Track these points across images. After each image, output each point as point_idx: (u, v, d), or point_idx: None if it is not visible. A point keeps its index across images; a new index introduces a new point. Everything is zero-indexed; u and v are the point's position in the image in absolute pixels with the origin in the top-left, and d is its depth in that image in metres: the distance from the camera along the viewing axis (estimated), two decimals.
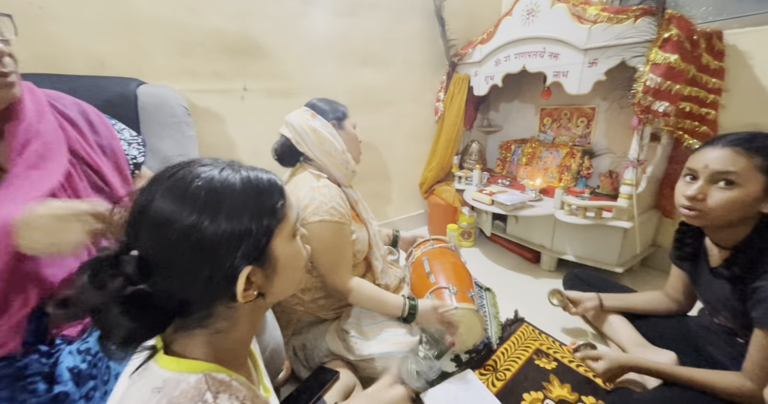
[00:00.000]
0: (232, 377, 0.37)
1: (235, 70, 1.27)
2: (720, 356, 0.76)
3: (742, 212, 0.63)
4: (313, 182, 0.87)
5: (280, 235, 0.39)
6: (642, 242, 1.28)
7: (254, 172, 0.38)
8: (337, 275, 0.87)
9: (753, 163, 0.61)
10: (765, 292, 0.62)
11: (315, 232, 0.82)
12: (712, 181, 0.65)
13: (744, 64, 1.08)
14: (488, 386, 0.90)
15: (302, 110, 0.93)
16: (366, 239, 0.98)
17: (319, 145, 0.89)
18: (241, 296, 0.35)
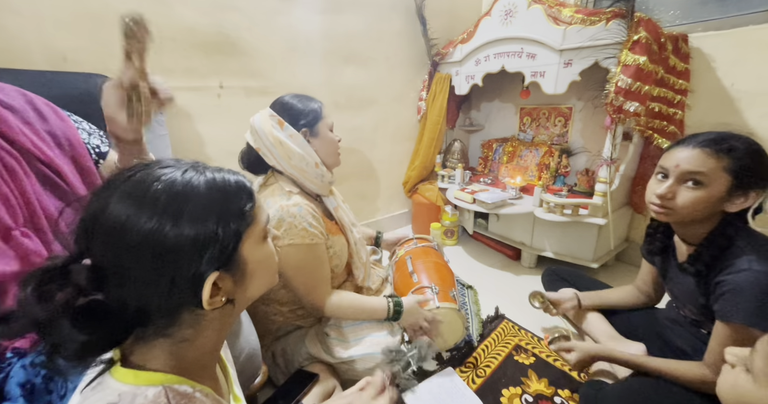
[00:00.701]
0: (196, 388, 0.35)
1: (211, 67, 1.23)
2: (685, 346, 0.80)
3: (707, 211, 0.66)
4: (282, 199, 0.80)
5: (250, 239, 0.38)
6: (616, 237, 1.33)
7: (220, 173, 0.37)
8: (313, 297, 0.84)
9: (720, 164, 0.63)
10: (726, 286, 0.65)
11: (285, 256, 0.78)
12: (681, 180, 0.67)
13: (707, 67, 1.13)
14: (468, 383, 0.91)
15: (267, 114, 0.83)
16: (345, 250, 0.93)
17: (288, 159, 0.81)
18: (208, 304, 0.33)
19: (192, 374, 0.37)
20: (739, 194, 0.63)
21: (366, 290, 1.07)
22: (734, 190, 0.63)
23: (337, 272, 0.93)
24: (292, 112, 0.84)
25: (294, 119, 0.84)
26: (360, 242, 1.00)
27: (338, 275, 0.95)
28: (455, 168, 1.76)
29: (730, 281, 0.64)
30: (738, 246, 0.65)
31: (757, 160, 0.62)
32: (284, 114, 0.84)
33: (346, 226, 0.95)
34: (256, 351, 0.72)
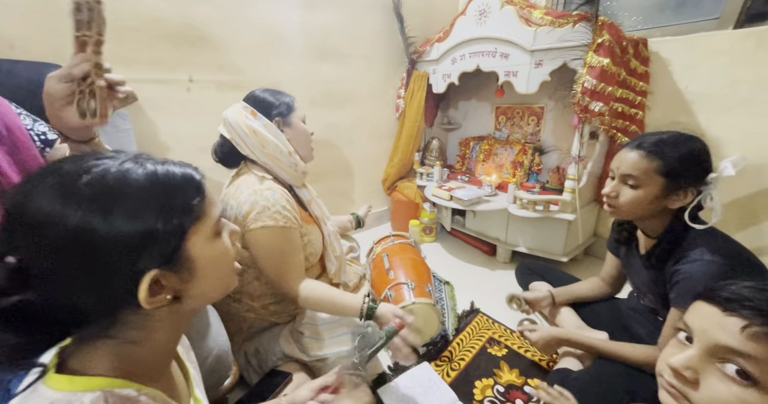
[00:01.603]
0: (142, 391, 0.34)
1: (179, 59, 1.18)
2: (643, 333, 0.84)
3: (648, 209, 0.71)
4: (255, 184, 0.80)
5: (198, 235, 0.36)
6: (584, 232, 1.39)
7: (165, 165, 0.35)
8: (285, 282, 0.82)
9: (652, 166, 0.67)
10: (680, 275, 0.69)
11: (259, 239, 0.78)
12: (622, 181, 0.72)
13: (665, 70, 1.19)
14: (443, 376, 0.92)
15: (240, 106, 0.84)
16: (319, 241, 0.94)
17: (261, 148, 0.82)
18: (146, 303, 0.32)
19: (141, 376, 0.35)
20: (675, 193, 0.68)
21: (343, 287, 1.06)
22: (669, 190, 0.67)
23: (312, 262, 0.93)
24: (264, 103, 0.85)
25: (267, 110, 0.85)
26: (334, 236, 1.01)
27: (313, 265, 0.95)
28: (433, 166, 1.78)
29: (684, 270, 0.68)
30: (691, 239, 0.70)
31: (687, 162, 0.66)
32: (257, 106, 0.85)
33: (320, 218, 0.96)
34: (225, 351, 0.70)
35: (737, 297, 0.37)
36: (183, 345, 0.52)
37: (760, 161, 1.03)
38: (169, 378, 0.42)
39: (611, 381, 0.74)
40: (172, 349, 0.41)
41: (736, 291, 0.38)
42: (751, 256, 0.67)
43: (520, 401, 0.85)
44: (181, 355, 0.49)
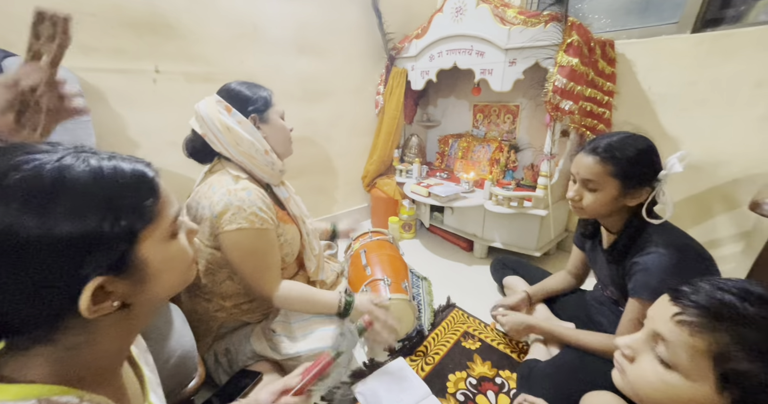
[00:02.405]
0: (84, 398, 0.31)
1: (144, 49, 1.12)
2: (605, 323, 0.88)
3: (609, 208, 0.74)
4: (230, 184, 0.77)
5: (151, 238, 0.33)
6: (556, 228, 1.43)
7: (111, 161, 0.32)
8: (261, 283, 0.81)
9: (606, 170, 0.71)
10: (637, 267, 0.72)
11: (234, 241, 0.75)
12: (583, 185, 0.76)
13: (630, 71, 1.24)
14: (418, 371, 0.93)
15: (214, 100, 0.80)
16: (297, 240, 0.92)
17: (236, 145, 0.78)
18: (88, 312, 0.29)
19: (86, 382, 0.33)
20: (631, 192, 0.71)
21: (320, 284, 1.05)
22: (625, 189, 0.71)
23: (288, 262, 0.91)
24: (239, 98, 0.81)
25: (242, 105, 0.81)
26: (313, 234, 0.99)
27: (289, 265, 0.93)
28: (412, 163, 1.78)
29: (641, 262, 0.72)
30: (648, 233, 0.73)
31: (637, 163, 0.70)
32: (232, 100, 0.81)
33: (298, 217, 0.93)
34: (189, 353, 0.67)
35: (689, 291, 0.39)
36: (139, 346, 0.49)
37: (713, 159, 1.10)
38: (120, 384, 0.40)
39: (573, 370, 0.77)
40: (124, 352, 0.38)
41: (694, 285, 0.39)
42: (700, 248, 0.71)
43: (491, 392, 0.87)
44: (136, 358, 0.46)
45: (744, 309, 0.33)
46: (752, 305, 0.33)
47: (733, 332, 0.32)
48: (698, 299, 0.36)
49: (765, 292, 0.33)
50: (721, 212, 1.13)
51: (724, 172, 1.09)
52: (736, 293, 0.35)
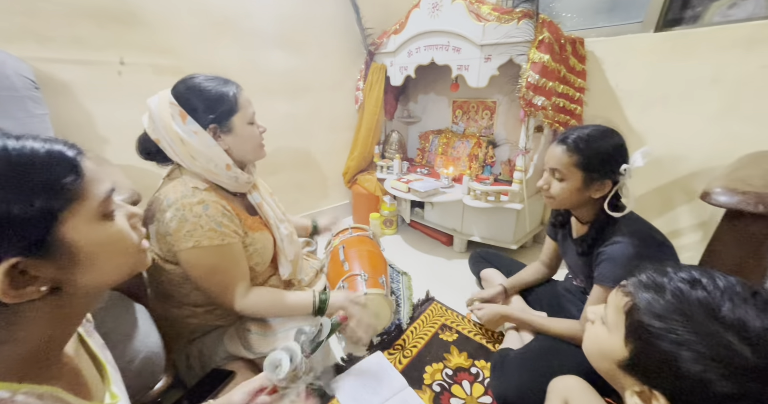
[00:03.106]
0: (20, 390, 0.30)
1: (107, 39, 1.07)
2: (575, 311, 0.92)
3: (575, 199, 0.77)
4: (186, 196, 0.69)
5: (77, 217, 0.32)
6: (531, 221, 1.47)
7: (21, 141, 0.30)
8: (225, 298, 0.76)
9: (572, 161, 0.73)
10: (603, 256, 0.75)
11: (192, 259, 0.70)
12: (552, 174, 0.78)
13: (599, 68, 1.29)
14: (395, 364, 0.94)
15: (167, 100, 0.69)
16: (270, 247, 0.87)
17: (192, 160, 0.70)
18: (6, 296, 0.28)
19: (28, 374, 0.32)
20: (594, 184, 0.74)
21: (298, 283, 1.03)
22: (589, 181, 0.74)
23: (259, 271, 0.86)
24: (198, 101, 0.70)
25: (200, 112, 0.70)
26: (288, 239, 0.92)
27: (261, 272, 0.88)
28: (393, 159, 1.78)
29: (606, 251, 0.75)
30: (614, 225, 0.76)
31: (601, 156, 0.72)
32: (188, 103, 0.70)
33: (272, 222, 0.88)
34: (155, 353, 0.65)
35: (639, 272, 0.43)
36: (96, 342, 0.47)
37: (674, 153, 1.16)
38: (74, 374, 0.39)
39: (543, 356, 0.80)
40: (63, 342, 0.37)
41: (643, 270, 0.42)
42: (662, 238, 0.75)
43: (467, 382, 0.89)
44: (94, 350, 0.45)
45: (667, 283, 0.37)
46: (677, 281, 0.36)
47: (649, 296, 0.37)
48: (641, 276, 0.41)
49: (698, 276, 0.36)
50: (682, 203, 1.20)
51: (684, 165, 1.15)
52: (670, 272, 0.38)
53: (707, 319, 0.32)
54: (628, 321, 0.38)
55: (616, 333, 0.40)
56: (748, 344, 0.29)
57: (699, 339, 0.31)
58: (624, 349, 0.38)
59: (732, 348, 0.30)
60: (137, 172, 1.20)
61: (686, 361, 0.32)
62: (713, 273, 0.36)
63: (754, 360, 0.29)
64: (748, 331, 0.30)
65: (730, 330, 0.30)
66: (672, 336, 0.33)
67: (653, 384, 0.35)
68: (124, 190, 0.69)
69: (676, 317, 0.34)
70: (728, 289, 0.33)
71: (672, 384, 0.33)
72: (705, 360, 0.31)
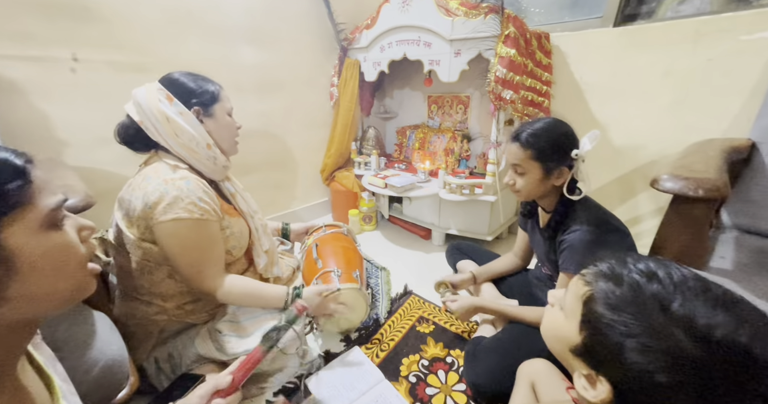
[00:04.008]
0: None
1: (57, 34, 1.01)
2: (544, 298, 0.94)
3: (540, 190, 0.80)
4: (167, 173, 0.73)
5: (18, 224, 0.31)
6: (505, 212, 1.51)
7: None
8: (203, 278, 0.77)
9: (528, 154, 0.76)
10: (565, 244, 0.79)
11: (170, 232, 0.71)
12: (514, 170, 0.81)
13: (564, 62, 1.33)
14: (372, 358, 0.95)
15: (155, 87, 0.76)
16: (245, 234, 0.89)
17: (175, 137, 0.75)
18: None
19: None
20: (554, 173, 0.77)
21: (275, 281, 1.02)
22: (548, 171, 0.77)
23: (236, 256, 0.88)
24: (183, 88, 0.77)
25: (185, 96, 0.77)
26: (263, 229, 0.95)
27: (238, 260, 0.89)
28: (371, 155, 1.78)
29: (567, 239, 0.78)
30: (575, 212, 0.80)
31: (553, 146, 0.75)
32: (174, 89, 0.77)
33: (246, 211, 0.90)
34: (117, 362, 0.63)
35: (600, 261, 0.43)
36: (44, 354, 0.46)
37: (634, 143, 1.21)
38: (16, 391, 0.37)
39: (513, 342, 0.82)
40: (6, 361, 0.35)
41: (604, 259, 0.43)
42: (617, 222, 0.78)
43: (442, 371, 0.91)
44: (43, 366, 0.43)
45: (626, 275, 0.37)
46: (635, 273, 0.37)
47: (606, 286, 0.38)
48: (602, 266, 0.42)
49: (655, 269, 0.36)
50: (642, 190, 1.26)
51: (642, 154, 1.21)
52: (630, 263, 0.39)
53: (657, 313, 0.32)
54: (585, 310, 0.39)
55: (572, 319, 0.41)
56: (693, 338, 0.30)
57: (646, 331, 0.32)
58: (577, 336, 0.39)
59: (676, 341, 0.30)
60: (99, 174, 1.15)
61: (631, 351, 0.32)
62: (671, 267, 0.36)
63: (696, 353, 0.29)
64: (694, 326, 0.30)
65: (677, 325, 0.31)
66: (622, 327, 0.34)
67: (599, 370, 0.37)
68: (77, 193, 0.66)
69: (628, 309, 0.34)
70: (682, 284, 0.33)
71: (617, 371, 0.34)
72: (649, 351, 0.32)
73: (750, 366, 0.29)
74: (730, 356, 0.29)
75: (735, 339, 0.29)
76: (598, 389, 0.36)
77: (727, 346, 0.29)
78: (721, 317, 0.30)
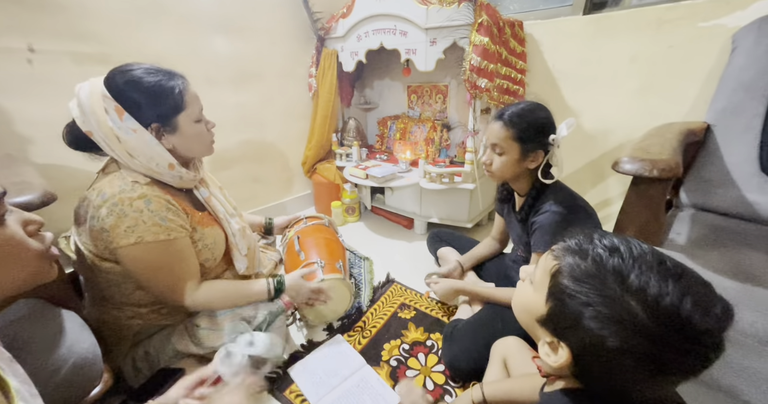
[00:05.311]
0: None
1: (8, 23, 0.95)
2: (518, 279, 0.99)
3: (514, 171, 0.82)
4: (125, 191, 0.65)
5: None
6: (484, 200, 1.54)
7: None
8: (173, 295, 0.74)
9: (509, 134, 0.78)
10: (535, 225, 0.82)
11: (134, 256, 0.67)
12: (492, 150, 0.82)
13: (537, 50, 1.35)
14: (355, 345, 0.97)
15: (99, 92, 0.63)
16: (221, 242, 0.84)
17: (129, 157, 0.66)
18: None
19: None
20: (530, 155, 0.79)
21: (256, 276, 1.02)
22: (525, 152, 0.79)
23: (210, 267, 0.84)
24: (138, 97, 0.65)
25: (139, 110, 0.65)
26: (241, 233, 0.90)
27: (212, 268, 0.85)
28: (352, 146, 1.78)
29: (538, 221, 0.81)
30: (546, 194, 0.83)
31: (533, 128, 0.78)
32: (126, 99, 0.64)
33: (222, 217, 0.86)
34: (87, 359, 0.62)
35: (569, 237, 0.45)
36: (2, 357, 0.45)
37: (604, 128, 1.25)
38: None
39: (489, 322, 0.86)
40: None
41: (573, 235, 0.45)
42: (584, 203, 0.82)
43: (422, 354, 0.94)
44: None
45: (591, 250, 0.39)
46: (599, 248, 0.39)
47: (572, 260, 0.40)
48: (570, 241, 0.44)
49: (618, 244, 0.38)
50: (611, 174, 1.31)
51: (612, 139, 1.25)
52: (595, 239, 0.41)
53: (615, 284, 0.35)
54: (552, 282, 0.41)
55: (540, 291, 0.43)
56: (644, 306, 0.32)
57: (604, 300, 0.35)
58: (544, 307, 0.42)
59: (630, 309, 0.33)
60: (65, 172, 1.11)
61: (588, 319, 0.35)
62: (632, 242, 0.38)
63: (646, 320, 0.32)
64: (646, 296, 0.33)
65: (632, 295, 0.33)
66: (582, 297, 0.36)
67: (561, 337, 0.39)
68: (35, 190, 0.64)
69: (590, 281, 0.36)
70: (640, 257, 0.36)
71: (575, 337, 0.37)
72: (604, 319, 0.34)
73: (690, 331, 0.31)
74: (674, 323, 0.31)
75: (679, 308, 0.32)
76: (559, 354, 0.39)
77: (671, 314, 0.32)
78: (670, 287, 0.33)
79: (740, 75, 0.89)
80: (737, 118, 0.89)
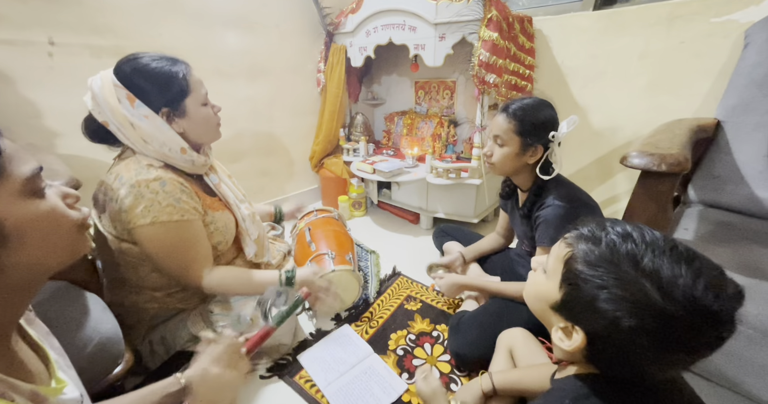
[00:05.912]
0: None
1: (32, 16, 0.98)
2: (524, 273, 1.00)
3: (514, 165, 0.83)
4: (141, 173, 0.69)
5: None
6: (491, 195, 1.55)
7: None
8: (188, 276, 0.77)
9: (511, 127, 0.79)
10: (539, 219, 0.83)
11: (150, 236, 0.70)
12: (495, 141, 0.84)
13: (546, 46, 1.35)
14: (362, 334, 0.99)
15: (110, 82, 0.67)
16: (231, 227, 0.87)
17: (143, 143, 0.70)
18: None
19: None
20: (530, 149, 0.80)
21: (265, 266, 1.04)
22: (525, 146, 0.80)
23: (222, 250, 0.87)
24: (146, 84, 0.68)
25: (148, 98, 0.68)
26: (251, 219, 0.94)
27: (224, 252, 0.89)
28: (359, 141, 1.79)
29: (542, 215, 0.82)
30: (548, 189, 0.84)
31: (535, 123, 0.78)
32: (136, 86, 0.68)
33: (232, 202, 0.89)
34: (110, 339, 0.65)
35: (580, 224, 0.46)
36: (39, 330, 0.48)
37: (612, 125, 1.25)
38: (12, 360, 0.39)
39: (495, 315, 0.87)
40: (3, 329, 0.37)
41: (586, 223, 0.45)
42: (586, 197, 0.83)
43: (428, 344, 0.96)
44: (37, 341, 0.45)
45: (604, 236, 0.40)
46: (612, 234, 0.40)
47: (585, 247, 0.41)
48: (583, 229, 0.44)
49: (631, 230, 0.39)
50: (619, 171, 1.31)
51: (620, 135, 1.25)
52: (608, 226, 0.42)
53: (630, 267, 0.36)
54: (565, 269, 0.42)
55: (553, 279, 0.44)
56: (658, 288, 0.34)
57: (618, 283, 0.36)
58: (557, 293, 0.42)
59: (644, 291, 0.34)
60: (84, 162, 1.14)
61: (604, 301, 0.36)
62: (644, 229, 0.39)
63: (661, 301, 0.33)
64: (660, 278, 0.34)
65: (646, 277, 0.34)
66: (597, 281, 0.37)
67: (575, 321, 0.40)
68: (61, 176, 0.66)
69: (604, 265, 0.37)
70: (652, 243, 0.37)
71: (590, 320, 0.38)
72: (619, 300, 0.35)
73: (704, 310, 0.32)
74: (688, 303, 0.33)
75: (693, 288, 0.33)
76: (573, 338, 0.40)
77: (685, 294, 0.33)
78: (683, 270, 0.34)
79: (752, 71, 0.89)
80: (748, 115, 0.88)
